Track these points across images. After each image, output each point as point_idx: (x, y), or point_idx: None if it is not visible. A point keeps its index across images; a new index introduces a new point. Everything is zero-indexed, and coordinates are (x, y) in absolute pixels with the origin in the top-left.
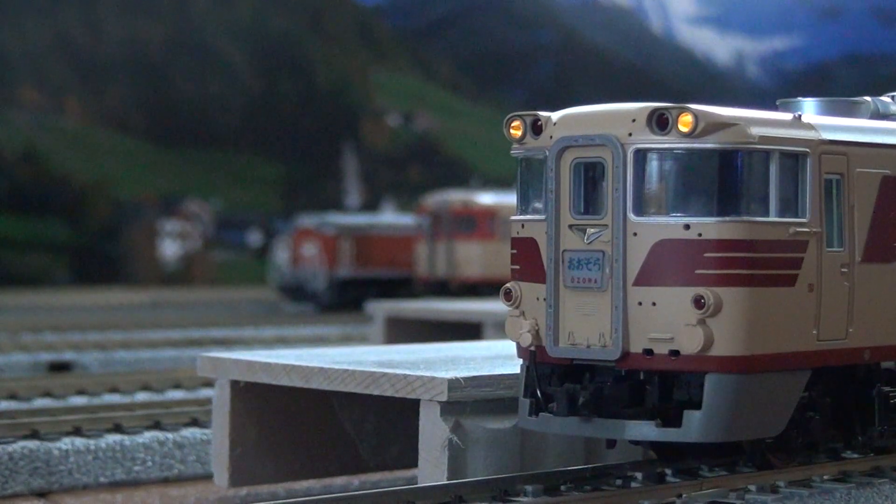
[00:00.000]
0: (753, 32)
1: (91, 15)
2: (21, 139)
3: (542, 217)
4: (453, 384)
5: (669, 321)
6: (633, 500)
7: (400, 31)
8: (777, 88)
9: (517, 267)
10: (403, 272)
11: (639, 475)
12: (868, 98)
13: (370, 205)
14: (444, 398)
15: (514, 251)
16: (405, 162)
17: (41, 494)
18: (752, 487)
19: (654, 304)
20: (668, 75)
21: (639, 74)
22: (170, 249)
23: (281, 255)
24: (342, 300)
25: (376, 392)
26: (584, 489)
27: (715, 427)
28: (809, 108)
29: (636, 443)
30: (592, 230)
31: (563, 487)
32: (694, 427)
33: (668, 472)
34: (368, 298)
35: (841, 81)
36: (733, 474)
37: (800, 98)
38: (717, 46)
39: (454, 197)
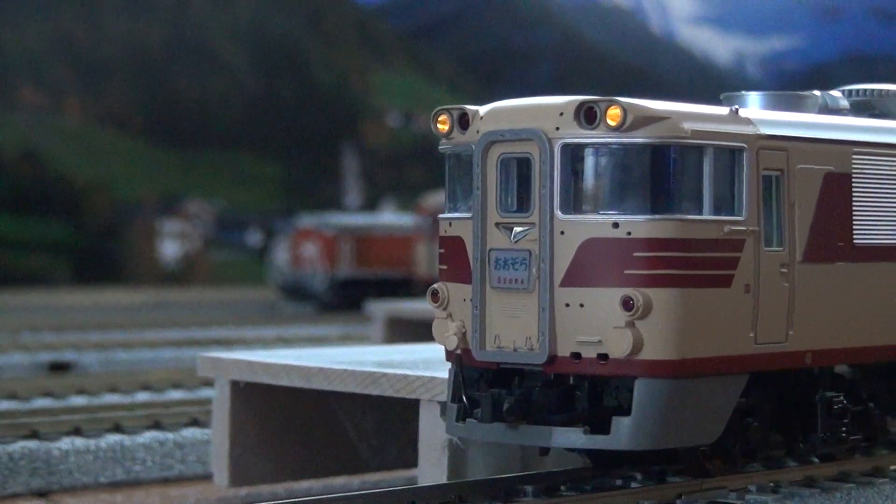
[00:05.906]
0: (753, 32)
1: (91, 15)
2: (21, 139)
3: (470, 215)
4: None
5: (598, 323)
6: (633, 500)
7: (400, 31)
8: (777, 88)
9: (444, 267)
10: (403, 272)
11: (639, 475)
12: (817, 92)
13: (370, 205)
14: (444, 398)
15: (442, 250)
16: (405, 162)
17: (41, 494)
18: (753, 487)
19: (581, 305)
20: (668, 75)
21: (639, 74)
22: (170, 249)
23: (281, 255)
24: (342, 300)
25: (376, 392)
26: (583, 489)
27: (644, 434)
28: (754, 102)
29: (570, 450)
30: (519, 228)
31: (562, 488)
32: (623, 434)
33: (668, 472)
34: (368, 298)
35: (841, 81)
36: (733, 474)
37: (744, 91)
38: (717, 46)
39: None
